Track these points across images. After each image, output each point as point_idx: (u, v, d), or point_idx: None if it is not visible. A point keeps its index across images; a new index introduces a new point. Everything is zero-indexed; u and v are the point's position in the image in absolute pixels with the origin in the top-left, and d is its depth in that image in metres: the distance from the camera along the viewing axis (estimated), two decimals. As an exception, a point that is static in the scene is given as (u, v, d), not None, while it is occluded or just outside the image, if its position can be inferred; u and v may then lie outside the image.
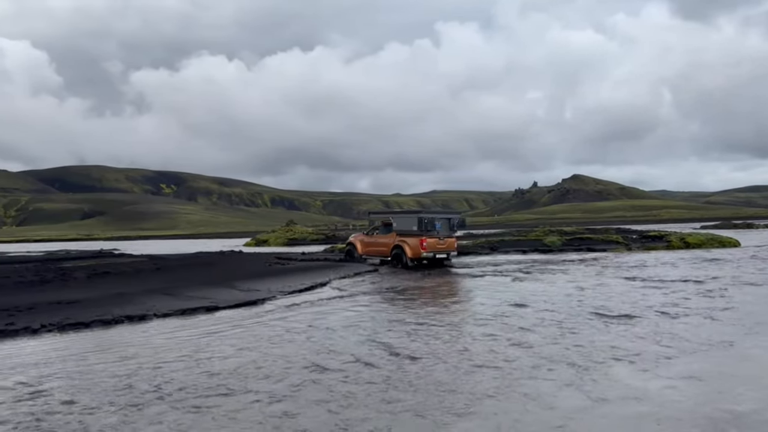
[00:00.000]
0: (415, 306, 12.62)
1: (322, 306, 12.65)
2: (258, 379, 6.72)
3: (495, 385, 6.37)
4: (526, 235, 35.17)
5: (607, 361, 7.38)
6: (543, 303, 12.25)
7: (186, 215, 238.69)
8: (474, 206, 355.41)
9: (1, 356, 8.10)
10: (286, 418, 5.41)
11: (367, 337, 9.06)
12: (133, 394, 6.19)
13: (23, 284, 13.97)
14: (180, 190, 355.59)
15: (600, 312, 10.98)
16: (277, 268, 19.94)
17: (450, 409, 5.64)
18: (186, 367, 7.28)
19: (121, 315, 10.90)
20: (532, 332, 9.18)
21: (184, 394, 6.18)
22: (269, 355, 7.92)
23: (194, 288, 14.49)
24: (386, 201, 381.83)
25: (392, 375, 6.83)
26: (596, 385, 6.38)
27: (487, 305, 12.25)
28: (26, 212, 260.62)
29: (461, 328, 9.84)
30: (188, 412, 5.62)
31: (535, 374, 6.79)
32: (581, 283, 15.95)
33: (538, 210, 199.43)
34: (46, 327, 9.91)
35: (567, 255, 27.71)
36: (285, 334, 9.46)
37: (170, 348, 8.45)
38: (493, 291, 14.64)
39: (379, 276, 19.22)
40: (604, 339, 8.66)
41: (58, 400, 6.01)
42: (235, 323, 10.57)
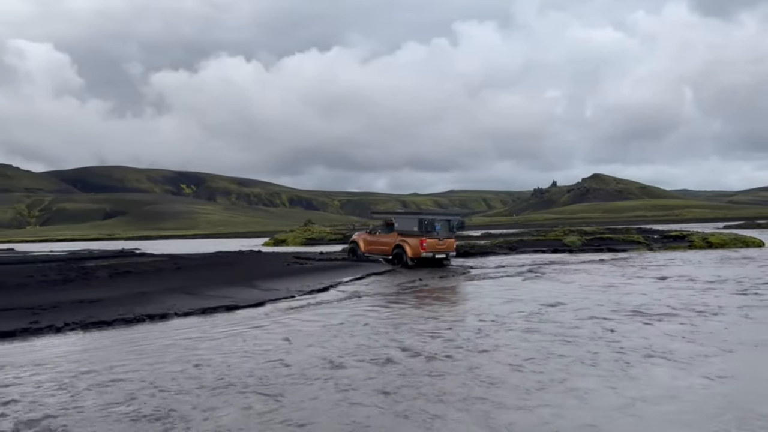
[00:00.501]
0: (436, 306, 12.56)
1: (342, 305, 12.65)
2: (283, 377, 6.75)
3: (538, 380, 6.53)
4: (546, 235, 34.88)
5: (645, 359, 7.39)
6: (576, 302, 12.23)
7: (205, 215, 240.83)
8: (492, 206, 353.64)
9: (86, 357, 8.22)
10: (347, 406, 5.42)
11: (389, 337, 9.04)
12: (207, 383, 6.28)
13: (47, 283, 14.17)
14: (200, 190, 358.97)
15: (635, 311, 10.99)
16: (295, 268, 20.00)
17: (500, 403, 5.79)
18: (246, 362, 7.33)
19: (142, 314, 11.01)
20: (571, 330, 9.24)
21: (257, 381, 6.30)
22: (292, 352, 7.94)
23: (214, 287, 14.59)
24: (404, 201, 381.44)
25: (419, 378, 6.80)
26: (633, 382, 6.40)
27: (520, 305, 12.18)
28: (49, 212, 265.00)
29: (497, 326, 9.84)
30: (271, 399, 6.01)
31: (578, 371, 6.86)
32: (608, 283, 15.84)
33: (557, 210, 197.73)
34: (69, 325, 10.04)
35: (587, 255, 27.42)
36: (303, 332, 9.48)
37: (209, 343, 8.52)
38: (522, 291, 14.51)
39: (397, 276, 19.19)
40: (641, 337, 8.68)
41: (176, 390, 6.13)
42: (256, 322, 10.62)
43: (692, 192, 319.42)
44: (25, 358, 7.91)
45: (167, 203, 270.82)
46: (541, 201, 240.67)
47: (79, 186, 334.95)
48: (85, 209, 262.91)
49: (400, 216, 23.63)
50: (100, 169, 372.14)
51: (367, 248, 23.89)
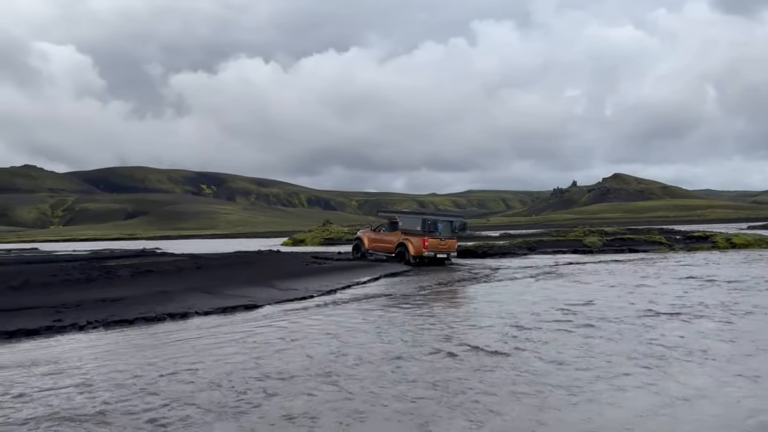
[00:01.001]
0: (465, 305, 12.52)
1: (365, 305, 12.67)
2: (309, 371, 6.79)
3: (580, 376, 6.66)
4: (565, 235, 34.59)
5: (682, 358, 7.40)
6: (608, 302, 12.19)
7: (225, 215, 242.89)
8: (511, 206, 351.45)
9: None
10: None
11: (411, 335, 9.04)
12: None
13: (70, 282, 14.39)
14: (219, 190, 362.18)
15: (667, 311, 10.96)
16: (314, 268, 20.09)
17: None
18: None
19: (163, 312, 11.14)
20: (604, 330, 9.27)
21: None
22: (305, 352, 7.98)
23: (233, 287, 14.71)
24: (421, 201, 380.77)
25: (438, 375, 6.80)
26: (670, 382, 6.43)
27: (552, 304, 12.14)
28: (72, 212, 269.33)
29: (534, 324, 9.83)
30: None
31: (619, 370, 6.93)
32: (636, 283, 15.71)
33: (577, 210, 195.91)
34: (92, 324, 10.20)
35: (608, 256, 27.12)
36: (325, 332, 9.51)
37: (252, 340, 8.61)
38: (551, 292, 14.39)
39: (416, 276, 19.18)
40: (678, 336, 8.70)
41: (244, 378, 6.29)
42: (280, 321, 10.68)
43: (715, 192, 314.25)
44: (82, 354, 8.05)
45: (188, 203, 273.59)
46: (560, 201, 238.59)
47: (102, 186, 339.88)
48: (107, 209, 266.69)
49: (404, 215, 24.29)
50: (122, 170, 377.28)
51: (371, 245, 24.45)
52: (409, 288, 15.95)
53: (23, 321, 10.13)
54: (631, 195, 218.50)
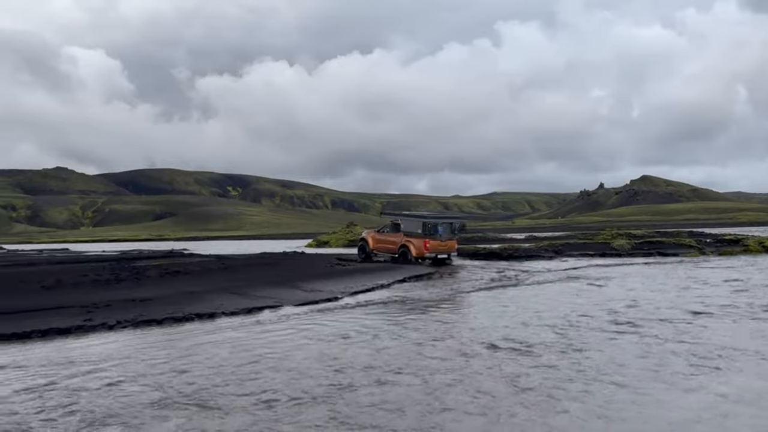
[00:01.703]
0: (499, 307, 12.39)
1: (392, 308, 12.66)
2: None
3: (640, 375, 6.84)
4: (592, 238, 34.11)
5: (736, 357, 7.55)
6: (651, 305, 12.14)
7: (251, 216, 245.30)
8: (536, 208, 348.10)
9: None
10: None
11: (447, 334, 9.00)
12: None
13: (100, 282, 14.66)
14: (245, 192, 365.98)
15: (712, 312, 10.98)
16: (338, 269, 20.13)
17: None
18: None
19: (191, 313, 11.28)
20: (656, 330, 9.38)
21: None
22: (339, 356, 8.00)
23: (259, 287, 14.83)
24: (445, 202, 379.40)
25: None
26: (723, 380, 6.52)
27: (595, 307, 12.02)
28: (102, 213, 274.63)
29: (582, 325, 9.81)
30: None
31: (672, 369, 7.04)
32: (674, 286, 15.52)
33: (604, 212, 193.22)
34: (121, 323, 10.37)
35: (637, 259, 26.65)
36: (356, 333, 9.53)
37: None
38: (589, 295, 14.20)
39: (441, 280, 19.10)
40: (728, 336, 8.79)
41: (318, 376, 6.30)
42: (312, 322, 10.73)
43: (746, 194, 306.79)
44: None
45: (214, 205, 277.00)
46: (587, 203, 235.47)
47: (131, 188, 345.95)
48: (136, 210, 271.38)
49: (406, 218, 25.06)
50: (150, 172, 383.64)
51: (375, 246, 25.18)
52: (439, 291, 15.86)
53: (55, 320, 10.36)
54: (660, 197, 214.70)
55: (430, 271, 20.51)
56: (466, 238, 52.30)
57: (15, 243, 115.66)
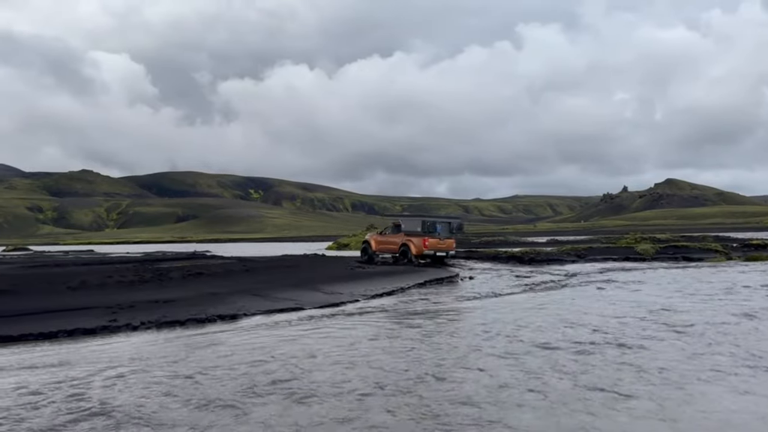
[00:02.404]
0: (535, 310, 12.28)
1: (417, 312, 12.63)
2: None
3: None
4: (616, 242, 33.71)
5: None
6: (689, 308, 12.06)
7: (272, 219, 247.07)
8: (559, 212, 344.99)
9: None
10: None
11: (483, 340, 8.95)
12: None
13: (124, 284, 14.86)
14: (266, 194, 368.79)
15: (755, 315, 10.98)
16: (358, 272, 20.15)
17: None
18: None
19: (214, 314, 11.38)
20: (697, 332, 9.44)
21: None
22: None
23: (280, 290, 14.90)
24: (465, 206, 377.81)
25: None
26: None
27: (630, 310, 11.92)
28: (126, 215, 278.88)
29: (622, 326, 9.75)
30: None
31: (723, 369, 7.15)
32: (709, 290, 15.32)
33: (628, 216, 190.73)
34: (145, 324, 10.50)
35: (662, 264, 26.24)
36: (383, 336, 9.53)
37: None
38: (621, 299, 14.01)
39: (462, 284, 19.01)
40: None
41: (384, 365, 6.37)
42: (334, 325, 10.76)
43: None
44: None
45: (236, 207, 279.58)
46: (610, 207, 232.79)
47: (154, 190, 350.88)
48: (159, 213, 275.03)
49: (406, 218, 26.49)
50: (173, 175, 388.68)
51: (377, 247, 26.09)
52: (459, 295, 15.79)
53: (81, 320, 10.53)
54: (685, 201, 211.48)
55: (450, 275, 20.42)
56: (487, 241, 52.11)
57: (41, 244, 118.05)
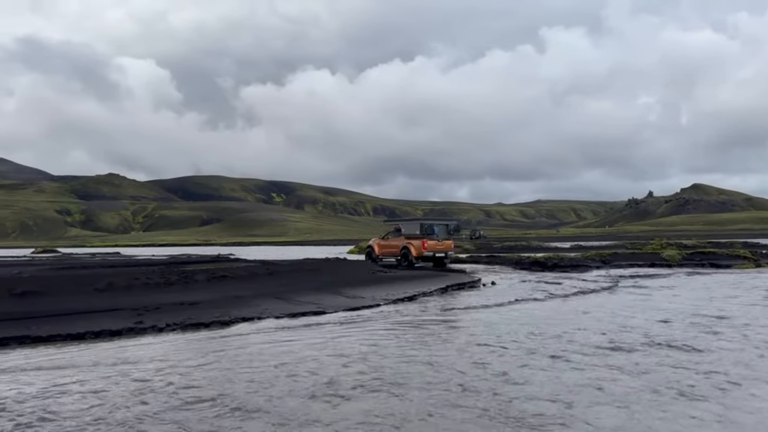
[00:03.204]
0: (571, 315, 12.19)
1: (444, 316, 12.62)
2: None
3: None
4: (641, 248, 33.22)
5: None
6: (737, 314, 12.02)
7: (294, 223, 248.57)
8: (582, 216, 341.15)
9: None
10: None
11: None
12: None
13: (150, 286, 15.09)
14: (289, 198, 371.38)
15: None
16: (380, 276, 20.16)
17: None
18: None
19: (238, 316, 11.51)
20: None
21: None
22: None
23: (303, 293, 15.01)
24: (487, 210, 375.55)
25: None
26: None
27: (677, 315, 11.83)
28: (152, 219, 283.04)
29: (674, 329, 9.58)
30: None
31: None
32: (749, 297, 15.13)
33: (653, 221, 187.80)
34: (170, 326, 10.66)
35: (688, 270, 25.79)
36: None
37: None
38: (648, 303, 13.85)
39: (484, 288, 18.92)
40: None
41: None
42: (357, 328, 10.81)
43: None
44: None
45: (259, 211, 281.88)
46: (635, 212, 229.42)
47: (179, 194, 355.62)
48: (184, 216, 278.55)
49: (406, 222, 28.23)
50: (198, 179, 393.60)
51: (380, 251, 27.33)
52: (484, 303, 15.70)
53: (108, 322, 10.73)
54: (712, 206, 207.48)
55: (473, 280, 20.29)
56: (509, 246, 51.71)
57: (69, 246, 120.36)
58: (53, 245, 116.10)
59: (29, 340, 9.48)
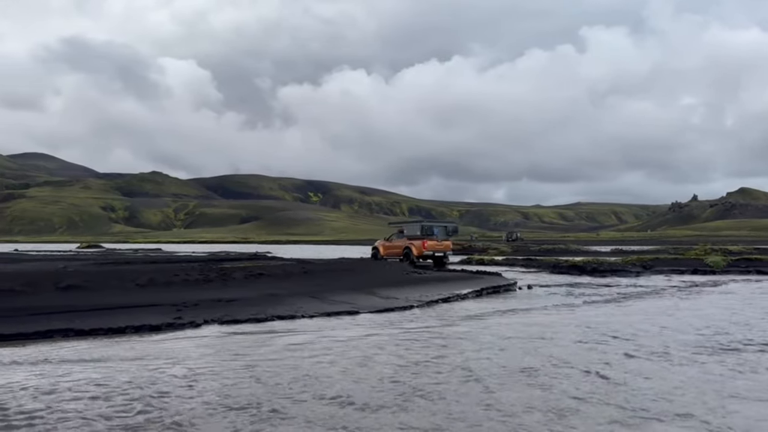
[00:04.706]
0: (626, 318, 12.00)
1: (483, 322, 12.53)
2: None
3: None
4: (684, 253, 32.29)
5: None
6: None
7: (330, 222, 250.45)
8: (624, 220, 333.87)
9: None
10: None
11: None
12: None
13: (189, 282, 15.40)
14: (325, 198, 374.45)
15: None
16: (414, 277, 20.12)
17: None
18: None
19: (273, 314, 11.66)
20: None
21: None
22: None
23: (337, 292, 15.10)
24: (525, 212, 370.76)
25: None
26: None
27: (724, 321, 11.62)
28: (193, 216, 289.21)
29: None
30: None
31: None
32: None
33: (697, 226, 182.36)
34: (208, 322, 10.88)
35: (734, 277, 24.94)
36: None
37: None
38: (702, 309, 13.43)
39: (520, 292, 18.67)
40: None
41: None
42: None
43: None
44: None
45: (296, 210, 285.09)
46: (679, 216, 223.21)
47: (219, 192, 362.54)
48: (224, 214, 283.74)
49: (407, 224, 30.08)
50: (237, 177, 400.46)
51: (385, 252, 29.41)
52: (526, 307, 15.51)
53: (148, 317, 11.01)
54: (760, 211, 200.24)
55: (508, 284, 20.02)
56: (547, 249, 51.02)
57: (113, 242, 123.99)
58: (98, 240, 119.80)
59: (73, 333, 9.79)
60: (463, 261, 34.08)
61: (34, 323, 10.06)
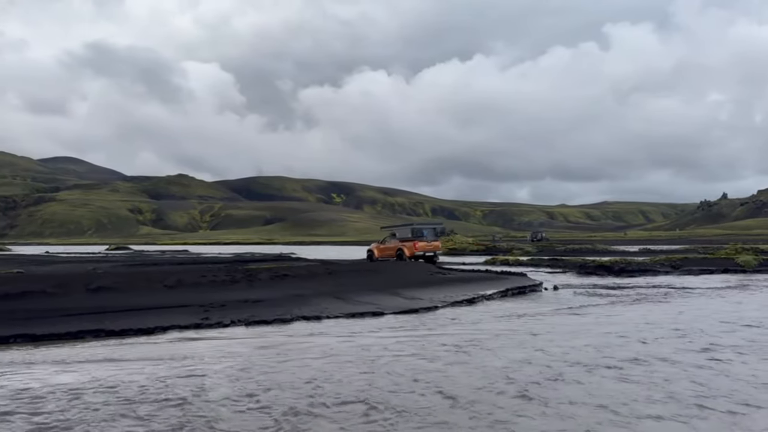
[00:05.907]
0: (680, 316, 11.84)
1: (505, 324, 12.45)
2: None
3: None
4: (714, 252, 31.63)
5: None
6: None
7: (353, 223, 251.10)
8: (651, 219, 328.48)
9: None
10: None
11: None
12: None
13: (216, 283, 15.60)
14: (348, 199, 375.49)
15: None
16: (438, 278, 20.06)
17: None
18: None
19: (298, 315, 11.75)
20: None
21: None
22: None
23: (362, 293, 15.14)
24: (550, 212, 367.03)
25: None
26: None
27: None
28: (218, 218, 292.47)
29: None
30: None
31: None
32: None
33: (727, 225, 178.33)
34: (235, 323, 11.00)
35: (766, 276, 24.34)
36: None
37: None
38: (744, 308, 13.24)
39: (545, 293, 18.48)
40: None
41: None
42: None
43: None
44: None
45: (319, 211, 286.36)
46: (708, 215, 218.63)
47: (244, 194, 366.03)
48: (248, 216, 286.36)
49: (399, 227, 32.50)
50: (261, 179, 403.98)
51: (379, 254, 31.11)
52: (552, 308, 15.36)
53: (176, 318, 11.18)
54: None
55: (534, 284, 19.75)
56: (573, 249, 50.40)
57: (140, 244, 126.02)
58: (126, 242, 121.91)
59: (103, 334, 9.99)
60: (487, 261, 33.84)
61: (65, 324, 10.29)
